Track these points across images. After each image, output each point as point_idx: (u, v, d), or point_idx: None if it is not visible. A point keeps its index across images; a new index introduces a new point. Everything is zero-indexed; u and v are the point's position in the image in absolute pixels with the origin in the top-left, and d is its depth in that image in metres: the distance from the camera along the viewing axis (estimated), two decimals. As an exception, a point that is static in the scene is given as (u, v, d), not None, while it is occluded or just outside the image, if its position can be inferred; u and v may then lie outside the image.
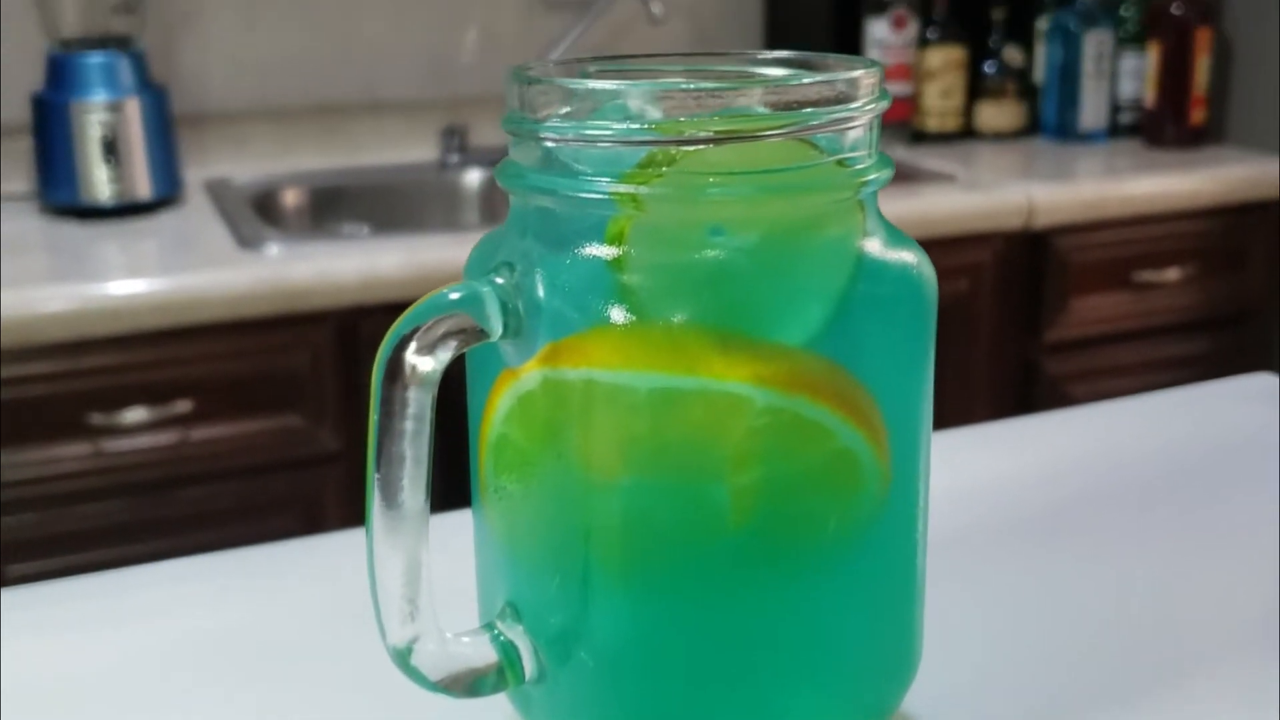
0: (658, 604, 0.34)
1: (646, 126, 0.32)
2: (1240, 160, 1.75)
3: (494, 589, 0.38)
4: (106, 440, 1.27)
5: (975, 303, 1.60)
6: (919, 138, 1.88)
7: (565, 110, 0.33)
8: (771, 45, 1.97)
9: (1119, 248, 1.68)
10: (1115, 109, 1.89)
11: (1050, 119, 1.90)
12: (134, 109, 1.51)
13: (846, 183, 0.33)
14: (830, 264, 0.34)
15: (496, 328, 0.33)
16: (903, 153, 1.80)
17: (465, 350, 0.34)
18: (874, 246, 0.35)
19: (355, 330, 1.35)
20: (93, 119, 1.49)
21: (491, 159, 1.79)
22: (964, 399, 1.62)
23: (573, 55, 1.81)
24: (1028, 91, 1.92)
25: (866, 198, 0.35)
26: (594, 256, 0.33)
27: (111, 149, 1.50)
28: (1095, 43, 1.85)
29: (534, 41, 1.81)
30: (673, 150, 0.32)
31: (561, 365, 0.33)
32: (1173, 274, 1.71)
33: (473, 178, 1.79)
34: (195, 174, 1.66)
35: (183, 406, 1.29)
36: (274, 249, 1.35)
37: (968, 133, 1.90)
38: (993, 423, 0.74)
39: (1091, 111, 1.87)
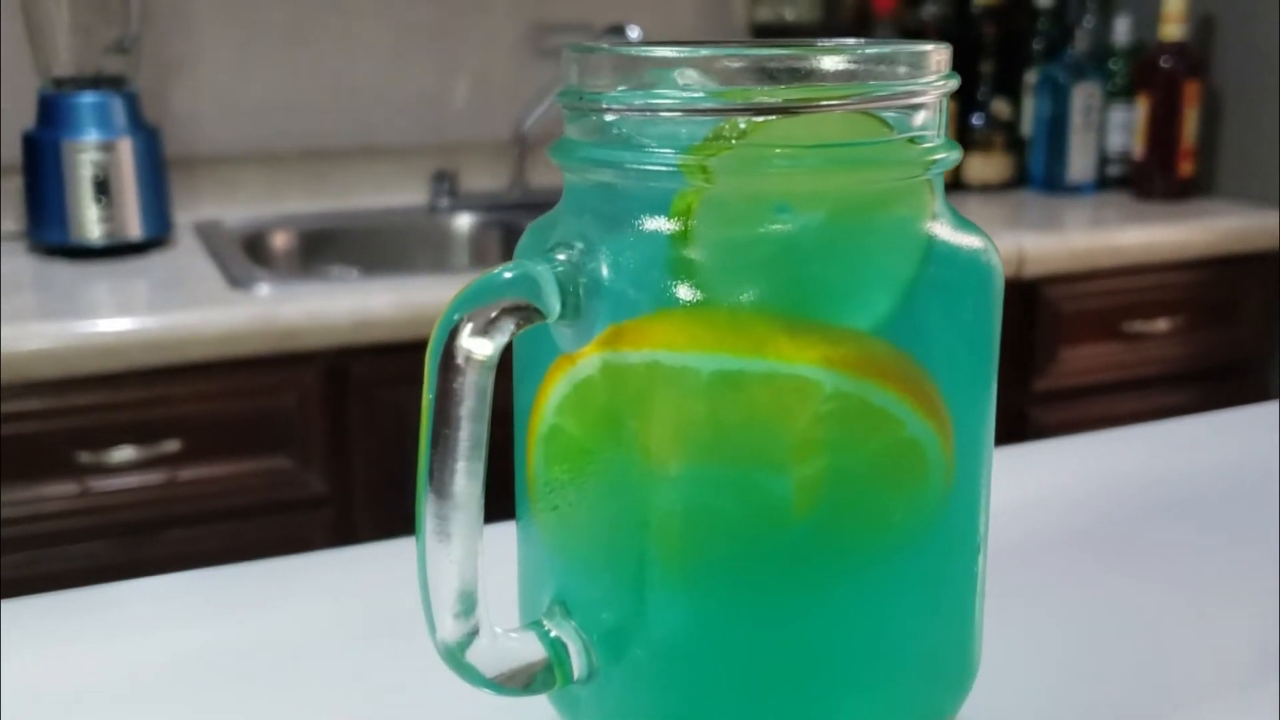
0: (716, 598, 0.33)
1: (714, 94, 0.31)
2: (1229, 212, 1.77)
3: (540, 588, 0.36)
4: (94, 479, 1.25)
5: (968, 350, 1.59)
6: (909, 187, 1.88)
7: (623, 87, 0.32)
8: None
9: (1109, 298, 1.68)
10: (1104, 161, 1.91)
11: (1038, 171, 1.91)
12: (126, 149, 1.50)
13: (916, 159, 0.33)
14: (899, 245, 0.33)
15: (554, 308, 0.32)
16: (894, 202, 1.80)
17: (521, 332, 0.32)
18: (942, 230, 0.34)
19: (345, 372, 1.33)
20: (84, 159, 1.48)
21: (482, 204, 1.79)
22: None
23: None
24: (1015, 144, 1.93)
25: (935, 178, 0.34)
26: (658, 233, 0.32)
27: (103, 189, 1.49)
28: (1084, 95, 1.86)
29: (526, 88, 1.82)
30: (741, 122, 0.31)
31: (624, 348, 0.32)
32: (1163, 324, 1.72)
33: (463, 222, 1.79)
34: (185, 216, 1.66)
35: (171, 446, 1.27)
36: (265, 289, 1.34)
37: (955, 185, 1.90)
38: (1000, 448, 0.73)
39: (1080, 164, 1.88)
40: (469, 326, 0.31)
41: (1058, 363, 1.66)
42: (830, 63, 0.31)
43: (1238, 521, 0.58)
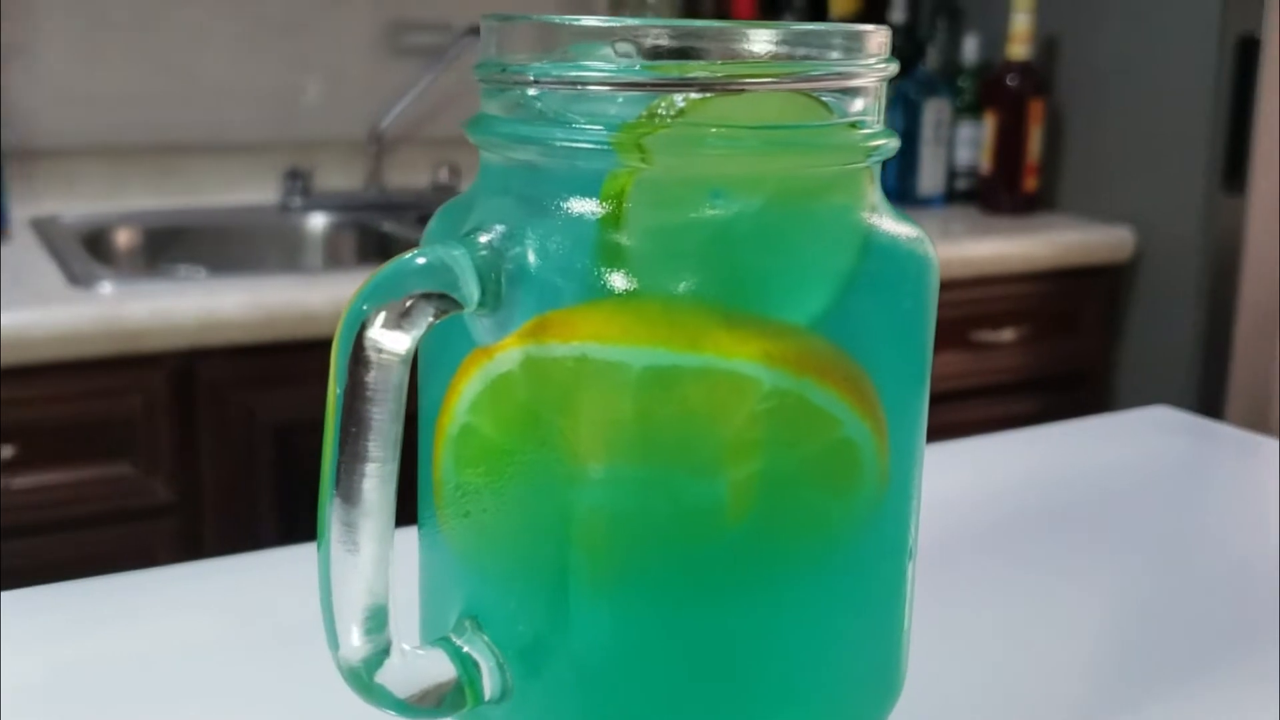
0: (643, 608, 0.30)
1: (649, 67, 0.29)
2: (1071, 226, 1.82)
3: (446, 601, 0.34)
4: (-81, 488, 1.17)
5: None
6: (767, 196, 1.89)
7: (545, 59, 0.30)
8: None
9: (957, 308, 1.71)
10: (952, 175, 1.95)
11: (890, 184, 1.94)
12: (-43, 141, 1.41)
13: (857, 145, 0.31)
14: (837, 235, 0.31)
15: (472, 297, 0.30)
16: (752, 210, 1.81)
17: (438, 323, 0.30)
18: (879, 220, 0.32)
19: (192, 374, 1.28)
20: (-88, 151, 1.39)
21: (336, 203, 1.74)
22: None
23: (424, 104, 1.78)
24: (870, 155, 1.95)
25: (873, 167, 0.32)
26: (587, 217, 0.30)
27: (-71, 182, 1.40)
28: (934, 111, 1.90)
29: (382, 86, 1.77)
30: (679, 99, 0.29)
31: (548, 340, 0.29)
32: (1009, 334, 1.76)
33: (316, 221, 1.73)
34: (21, 211, 1.57)
35: (5, 452, 1.20)
36: (107, 287, 1.27)
37: (814, 193, 1.92)
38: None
39: (930, 177, 1.92)
40: (380, 317, 0.29)
41: (911, 371, 1.69)
42: (766, 40, 0.29)
43: (1089, 523, 0.59)
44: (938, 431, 1.53)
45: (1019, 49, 1.84)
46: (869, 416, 0.31)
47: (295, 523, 1.34)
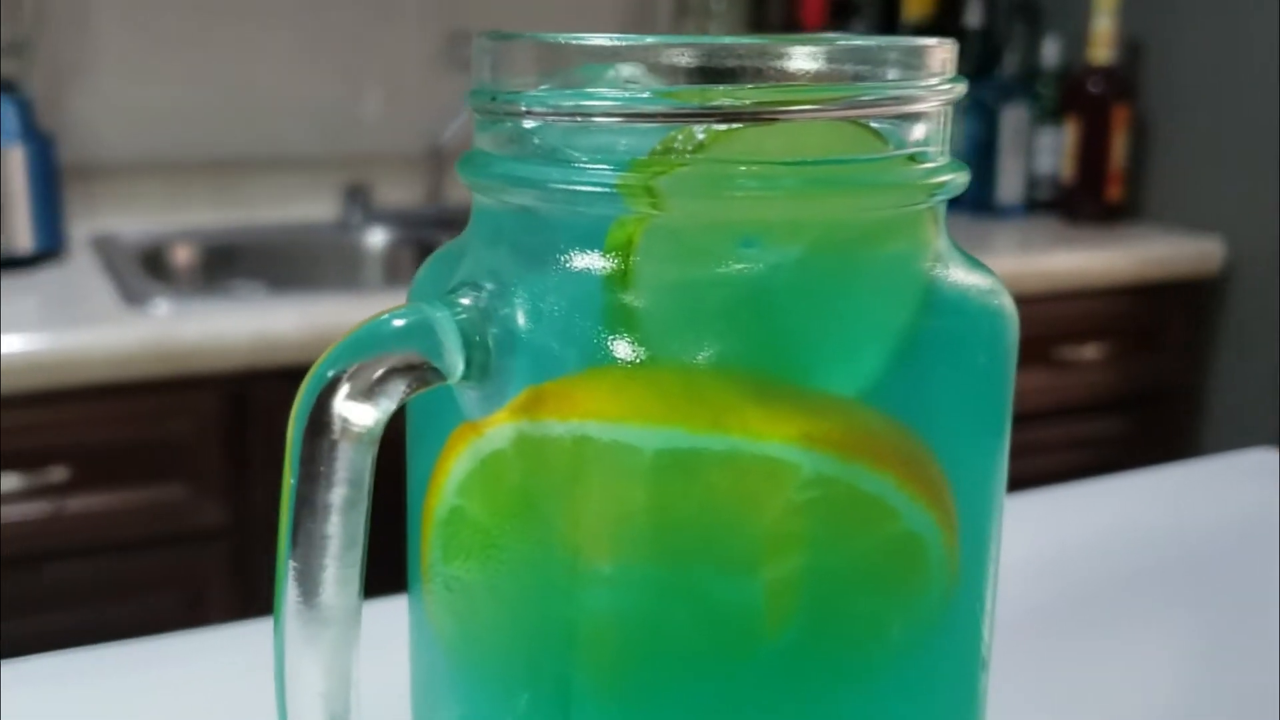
0: (663, 734, 0.26)
1: (663, 94, 0.24)
2: (1157, 237, 1.74)
3: (435, 705, 0.29)
4: (-26, 508, 1.16)
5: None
6: (837, 208, 1.84)
7: (547, 85, 0.25)
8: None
9: (1038, 324, 1.64)
10: (1032, 184, 1.88)
11: (967, 193, 1.87)
12: (17, 158, 1.41)
13: (917, 182, 0.26)
14: (894, 289, 0.26)
15: (456, 367, 0.25)
16: (822, 223, 1.76)
17: (413, 396, 0.25)
18: (946, 270, 0.27)
19: (245, 396, 1.25)
20: (-28, 168, 1.39)
21: (396, 219, 1.71)
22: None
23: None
24: (945, 165, 1.89)
25: (938, 207, 0.27)
26: (589, 272, 0.25)
27: (-8, 199, 1.40)
28: (1013, 117, 1.83)
29: (442, 99, 1.74)
30: (699, 131, 0.24)
31: (544, 417, 0.24)
32: (1091, 351, 1.69)
33: (376, 238, 1.70)
34: (82, 227, 1.56)
35: (57, 475, 1.19)
36: (161, 307, 1.25)
37: (886, 205, 1.86)
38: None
39: (1008, 186, 1.85)
40: (346, 388, 0.24)
41: (988, 390, 1.62)
42: (808, 58, 0.24)
43: (1182, 590, 0.53)
44: (1018, 453, 1.47)
45: (1101, 52, 1.77)
46: (935, 505, 0.26)
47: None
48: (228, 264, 1.62)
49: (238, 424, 1.26)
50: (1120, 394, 1.72)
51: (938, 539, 0.26)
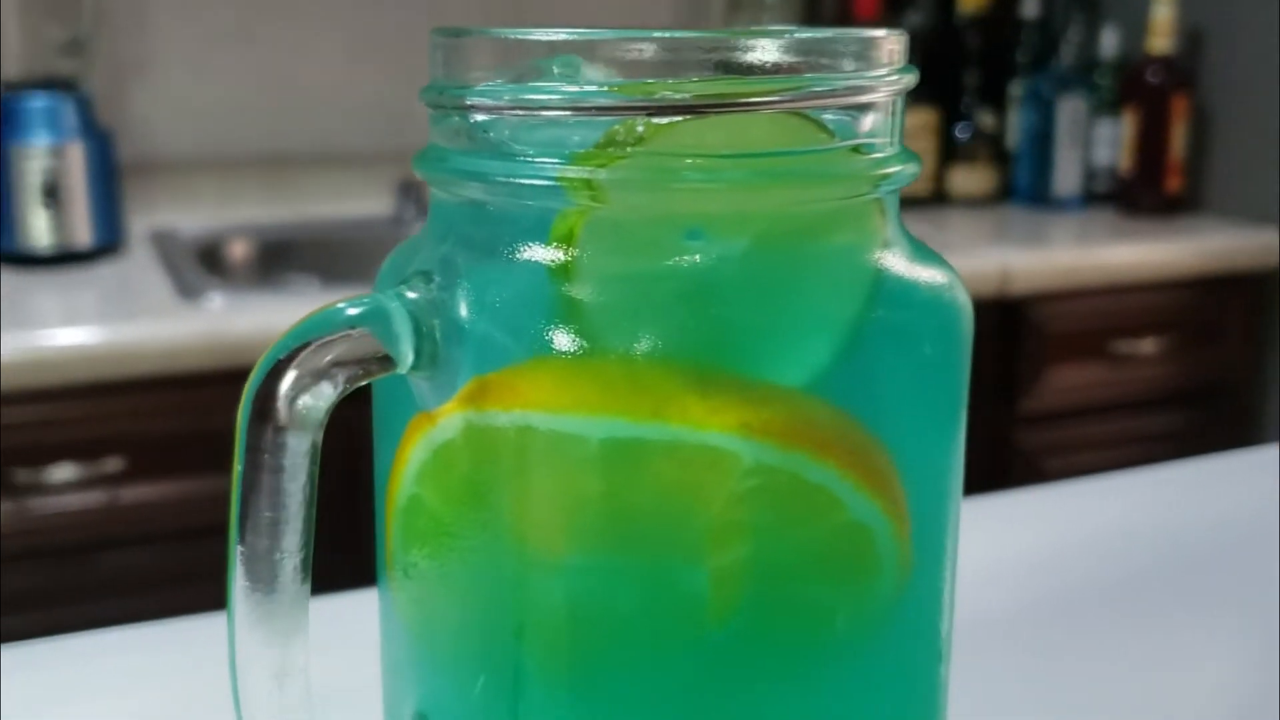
0: (610, 717, 0.26)
1: (605, 88, 0.24)
2: (1217, 230, 1.71)
3: (401, 693, 0.30)
4: (31, 499, 1.19)
5: (948, 371, 1.53)
6: (890, 201, 1.82)
7: (501, 79, 0.26)
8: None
9: (1095, 317, 1.62)
10: (1089, 176, 1.85)
11: (1024, 185, 1.85)
12: (77, 154, 1.44)
13: (863, 173, 0.26)
14: (840, 281, 0.26)
15: (406, 356, 0.26)
16: (874, 216, 1.74)
17: (364, 385, 0.26)
18: (895, 261, 0.27)
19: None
20: (33, 164, 1.42)
21: (448, 214, 1.72)
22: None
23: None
24: (1000, 156, 1.87)
25: (886, 197, 0.27)
26: (534, 264, 0.25)
27: (52, 195, 1.43)
28: (1070, 109, 1.81)
29: (495, 94, 1.75)
30: (641, 123, 0.24)
31: (489, 407, 0.25)
32: (1149, 345, 1.66)
33: (428, 232, 1.72)
34: (140, 222, 1.59)
35: (113, 465, 1.21)
36: (216, 300, 1.28)
37: (939, 197, 1.85)
38: (979, 498, 0.67)
39: (1066, 178, 1.83)
40: (292, 375, 0.25)
41: (1042, 384, 1.60)
42: (755, 51, 0.25)
43: (1224, 587, 0.52)
44: (1074, 448, 1.45)
45: (1160, 42, 1.74)
46: (881, 495, 0.26)
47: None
48: (282, 259, 1.64)
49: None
50: (1179, 389, 1.70)
51: (886, 529, 0.26)
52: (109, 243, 1.46)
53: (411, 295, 0.26)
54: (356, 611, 0.37)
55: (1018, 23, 1.87)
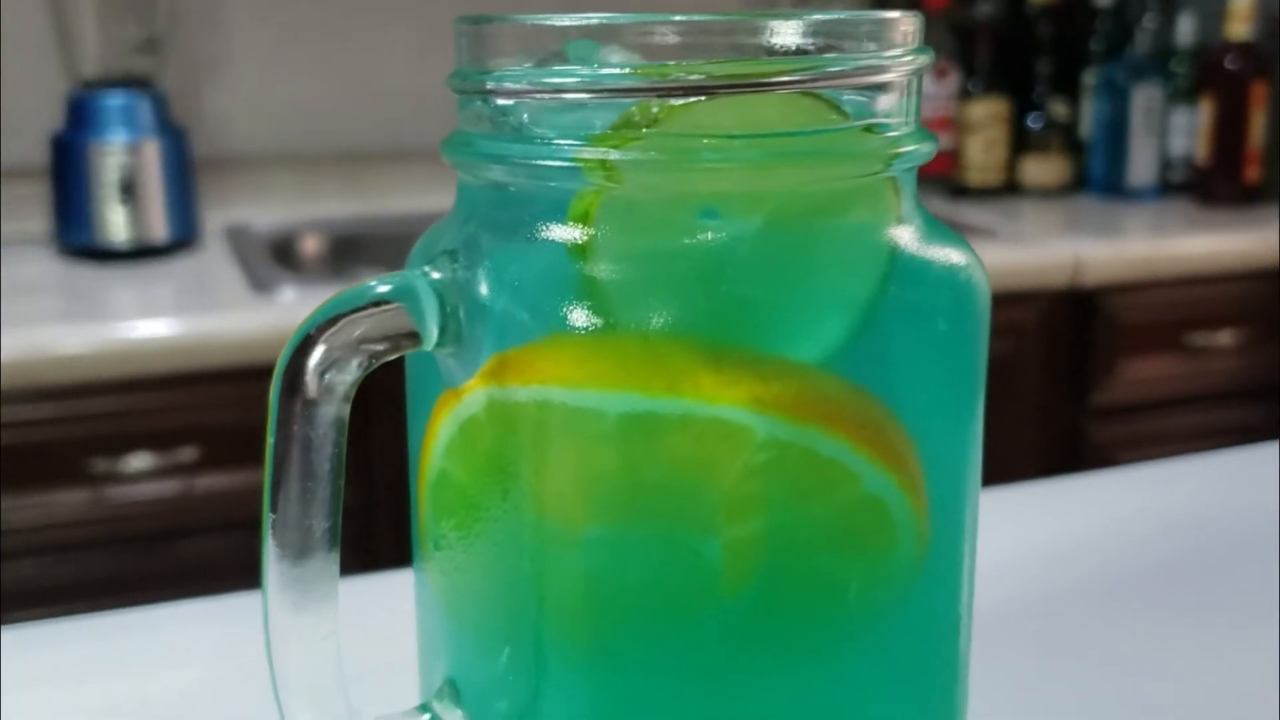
0: (628, 687, 0.27)
1: (622, 71, 0.25)
2: (1298, 220, 1.68)
3: (434, 661, 0.31)
4: (108, 488, 1.22)
5: (1017, 364, 1.52)
6: (960, 192, 1.81)
7: (527, 64, 0.26)
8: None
9: (1170, 309, 1.60)
10: (1165, 166, 1.82)
11: (1098, 175, 1.83)
12: (153, 151, 1.47)
13: (876, 152, 0.26)
14: (854, 259, 0.27)
15: (431, 332, 0.26)
16: (943, 207, 1.73)
17: (392, 359, 0.27)
18: (910, 239, 0.27)
19: (367, 380, 1.29)
20: (111, 161, 1.46)
21: (517, 208, 1.74)
22: (1003, 469, 1.54)
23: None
24: (1074, 146, 1.85)
25: (902, 176, 0.27)
26: (553, 243, 0.26)
27: (129, 191, 1.47)
28: (1144, 98, 1.78)
29: (563, 88, 1.76)
30: (656, 105, 0.25)
31: (510, 383, 0.26)
32: (1226, 337, 1.63)
33: (496, 226, 1.73)
34: (215, 217, 1.63)
35: (188, 454, 1.24)
36: (288, 293, 1.30)
37: (1011, 188, 1.83)
38: (1040, 481, 0.66)
39: (1141, 168, 1.80)
40: (320, 350, 0.26)
41: (1115, 376, 1.58)
42: (772, 33, 0.25)
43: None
44: (1148, 442, 1.42)
45: (1239, 28, 1.70)
46: (897, 469, 0.26)
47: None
48: (353, 253, 1.67)
49: (359, 406, 1.29)
50: (1255, 382, 1.66)
51: (902, 503, 0.27)
52: (184, 237, 1.50)
53: (436, 275, 0.27)
54: (400, 588, 0.38)
55: (1091, 10, 1.84)
